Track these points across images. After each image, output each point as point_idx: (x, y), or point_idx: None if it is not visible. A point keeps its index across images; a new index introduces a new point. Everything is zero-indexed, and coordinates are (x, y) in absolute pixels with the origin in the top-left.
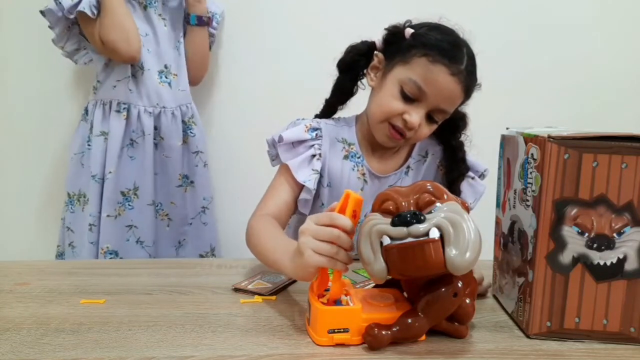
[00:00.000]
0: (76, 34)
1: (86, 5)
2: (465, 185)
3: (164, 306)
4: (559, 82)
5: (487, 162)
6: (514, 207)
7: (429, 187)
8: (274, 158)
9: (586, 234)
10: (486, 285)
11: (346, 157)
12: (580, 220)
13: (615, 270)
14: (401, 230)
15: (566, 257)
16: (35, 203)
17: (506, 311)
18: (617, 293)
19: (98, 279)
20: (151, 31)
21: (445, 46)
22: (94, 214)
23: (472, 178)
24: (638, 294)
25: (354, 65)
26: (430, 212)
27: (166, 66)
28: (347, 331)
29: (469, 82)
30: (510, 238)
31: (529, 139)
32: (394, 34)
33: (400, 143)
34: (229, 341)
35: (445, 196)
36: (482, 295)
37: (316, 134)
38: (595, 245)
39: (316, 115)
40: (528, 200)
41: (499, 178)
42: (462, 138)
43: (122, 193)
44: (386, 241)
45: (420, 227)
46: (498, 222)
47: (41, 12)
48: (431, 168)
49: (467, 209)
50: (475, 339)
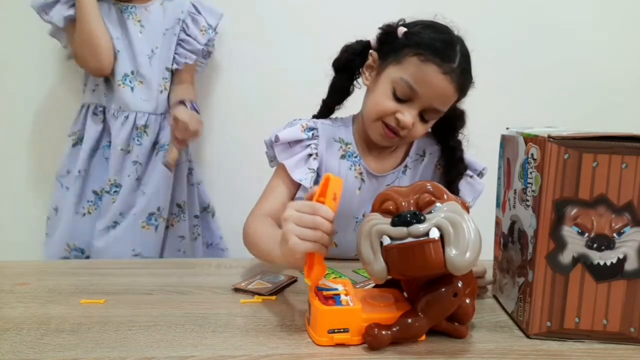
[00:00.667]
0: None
1: (56, 15)
2: (463, 183)
3: (164, 306)
4: (559, 82)
5: (487, 162)
6: (514, 207)
7: (429, 187)
8: (272, 159)
9: (586, 234)
10: (489, 279)
11: (343, 157)
12: (580, 220)
13: (615, 270)
14: (401, 230)
15: (566, 257)
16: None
17: (506, 311)
18: (617, 293)
19: (98, 279)
20: (122, 34)
21: (437, 45)
22: (58, 209)
23: (471, 177)
24: (638, 294)
25: (349, 64)
26: (430, 212)
27: (133, 72)
28: (347, 331)
29: (463, 80)
30: (510, 238)
31: (529, 139)
32: (388, 33)
33: (394, 142)
34: (229, 341)
35: (445, 196)
36: (484, 289)
37: (312, 134)
38: (595, 245)
39: (314, 115)
40: (528, 200)
41: (499, 178)
42: (460, 136)
43: (95, 192)
44: (386, 241)
45: (420, 227)
46: (498, 222)
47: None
48: (429, 167)
49: (467, 209)
50: (475, 339)
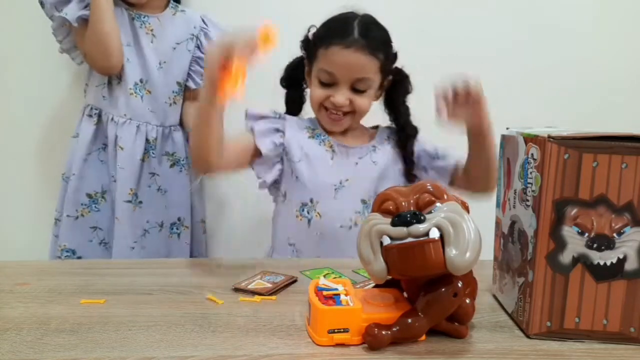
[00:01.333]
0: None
1: (70, 13)
2: (432, 173)
3: (164, 306)
4: (559, 82)
5: None
6: (514, 207)
7: (429, 187)
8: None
9: (586, 234)
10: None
11: (311, 137)
12: (580, 220)
13: (615, 270)
14: (401, 230)
15: (566, 257)
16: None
17: (506, 311)
18: (617, 293)
19: (98, 279)
20: (133, 42)
21: (332, 26)
22: (58, 210)
23: (434, 158)
24: (638, 294)
25: (293, 78)
26: (430, 212)
27: (142, 80)
28: (347, 331)
29: (371, 45)
30: (510, 238)
31: (529, 139)
32: (305, 42)
33: (344, 123)
34: (229, 341)
35: (445, 196)
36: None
37: (280, 116)
38: (595, 245)
39: None
40: (528, 200)
41: (499, 178)
42: (410, 103)
43: (88, 195)
44: (386, 241)
45: (420, 227)
46: (498, 222)
47: (39, 2)
48: (395, 149)
49: (467, 209)
50: (475, 339)
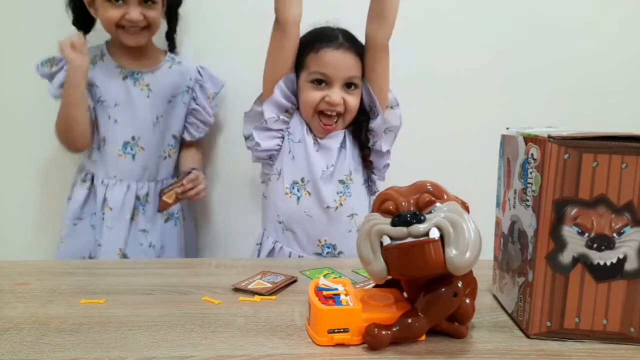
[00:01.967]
0: None
1: (52, 89)
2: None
3: (164, 306)
4: (559, 82)
5: (487, 162)
6: (514, 207)
7: (429, 187)
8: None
9: (586, 234)
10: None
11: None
12: (580, 220)
13: (615, 270)
14: (401, 230)
15: (566, 257)
16: (35, 203)
17: (506, 311)
18: (617, 293)
19: (98, 279)
20: (126, 100)
21: (319, 34)
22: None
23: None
24: (638, 294)
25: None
26: (430, 212)
27: (134, 137)
28: (347, 331)
29: (355, 46)
30: (510, 238)
31: (529, 139)
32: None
33: (336, 128)
34: (229, 341)
35: (445, 196)
36: None
37: (293, 106)
38: (595, 245)
39: None
40: (528, 200)
41: (499, 178)
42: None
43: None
44: (386, 241)
45: (420, 227)
46: (498, 222)
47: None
48: (354, 138)
49: (467, 209)
50: (475, 339)
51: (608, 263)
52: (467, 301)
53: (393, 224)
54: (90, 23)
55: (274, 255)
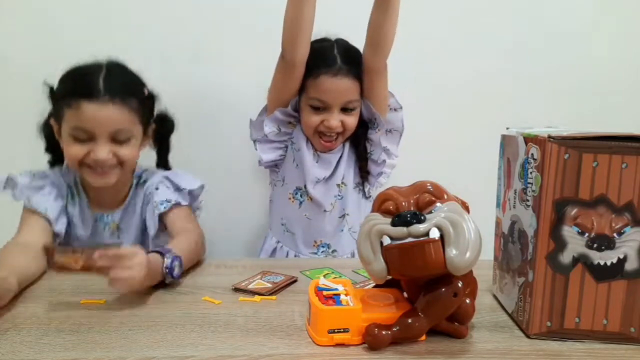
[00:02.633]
0: None
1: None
2: (383, 138)
3: (164, 306)
4: (559, 82)
5: (487, 162)
6: (514, 207)
7: (429, 187)
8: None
9: (586, 234)
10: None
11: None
12: (580, 220)
13: (615, 270)
14: (401, 230)
15: (566, 257)
16: None
17: (506, 311)
18: (617, 293)
19: (98, 279)
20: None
21: (318, 57)
22: None
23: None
24: (638, 294)
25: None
26: (430, 212)
27: None
28: (347, 331)
29: (353, 69)
30: (510, 238)
31: (529, 139)
32: None
33: (335, 145)
34: (229, 341)
35: (445, 196)
36: None
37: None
38: (595, 245)
39: None
40: (528, 200)
41: (499, 178)
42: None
43: None
44: (386, 241)
45: (420, 227)
46: (498, 222)
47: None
48: (351, 147)
49: (467, 209)
50: (475, 339)
51: (608, 263)
52: (467, 301)
53: (393, 224)
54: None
55: (275, 254)
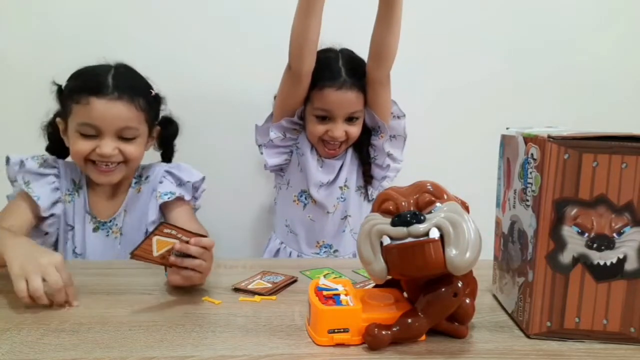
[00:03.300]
0: None
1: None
2: (387, 144)
3: (164, 306)
4: (560, 83)
5: (487, 162)
6: (514, 207)
7: (429, 187)
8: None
9: (586, 234)
10: None
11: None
12: (580, 220)
13: (615, 270)
14: (401, 230)
15: (566, 257)
16: None
17: (506, 311)
18: (617, 293)
19: (98, 279)
20: (97, 250)
21: (323, 69)
22: None
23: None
24: (638, 294)
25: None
26: (430, 212)
27: None
28: (347, 331)
29: (357, 81)
30: (510, 238)
31: (529, 139)
32: None
33: (339, 152)
34: (229, 341)
35: (445, 196)
36: None
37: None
38: (595, 245)
39: None
40: (528, 200)
41: (499, 178)
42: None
43: None
44: (386, 241)
45: (420, 227)
46: (498, 222)
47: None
48: (353, 152)
49: (467, 209)
50: (475, 339)
51: (608, 263)
52: (467, 301)
53: (393, 224)
54: (66, 151)
55: (278, 254)
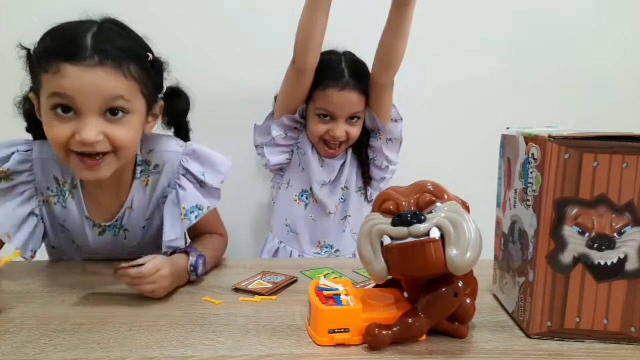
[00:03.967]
0: None
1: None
2: (384, 146)
3: (164, 306)
4: (560, 83)
5: (488, 162)
6: (515, 207)
7: (430, 187)
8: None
9: (587, 234)
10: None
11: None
12: (581, 220)
13: (616, 270)
14: (402, 230)
15: (567, 257)
16: None
17: (507, 311)
18: (618, 293)
19: (98, 279)
20: (97, 245)
21: (326, 69)
22: None
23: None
24: (639, 294)
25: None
26: (431, 212)
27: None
28: (348, 331)
29: (360, 83)
30: (511, 238)
31: (530, 139)
32: None
33: (339, 152)
34: (230, 341)
35: (445, 196)
36: None
37: (301, 125)
38: (596, 245)
39: None
40: (529, 200)
41: (500, 178)
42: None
43: None
44: (387, 241)
45: (420, 227)
46: (498, 222)
47: None
48: (353, 154)
49: (468, 209)
50: (475, 339)
51: (609, 263)
52: (468, 301)
53: (394, 224)
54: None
55: (278, 254)
